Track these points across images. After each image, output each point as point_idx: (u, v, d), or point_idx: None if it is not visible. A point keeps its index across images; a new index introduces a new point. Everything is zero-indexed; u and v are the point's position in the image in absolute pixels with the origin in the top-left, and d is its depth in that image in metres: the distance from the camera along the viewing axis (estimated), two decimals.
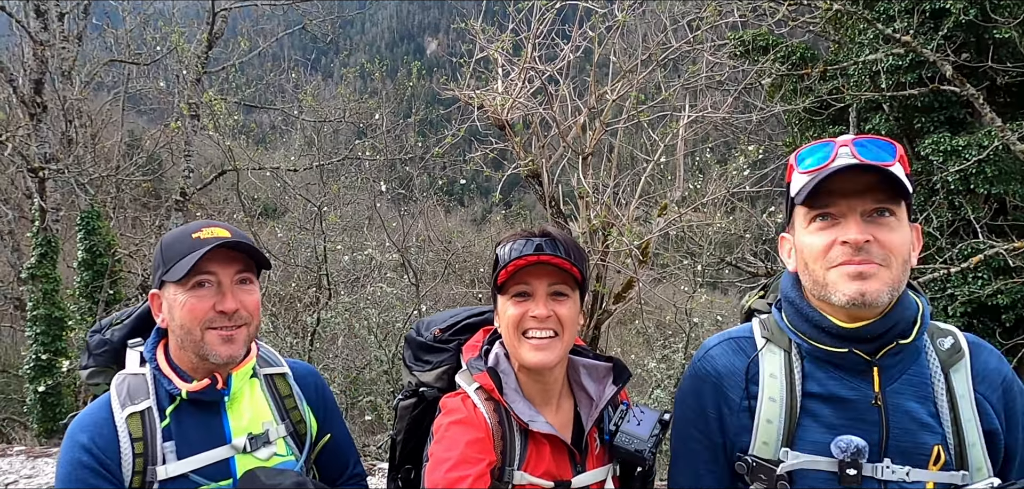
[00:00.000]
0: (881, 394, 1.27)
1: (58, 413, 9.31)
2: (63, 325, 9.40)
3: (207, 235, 1.51)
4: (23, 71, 9.35)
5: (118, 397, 1.50)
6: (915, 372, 1.29)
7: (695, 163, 7.84)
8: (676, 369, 8.12)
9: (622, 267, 5.91)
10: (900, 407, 1.27)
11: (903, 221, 1.26)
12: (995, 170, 9.19)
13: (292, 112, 11.97)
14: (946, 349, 1.30)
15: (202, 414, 1.53)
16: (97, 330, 1.69)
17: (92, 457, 1.43)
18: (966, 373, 1.28)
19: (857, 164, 1.23)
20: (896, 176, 1.22)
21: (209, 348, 1.50)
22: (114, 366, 1.63)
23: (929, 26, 9.66)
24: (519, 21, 5.67)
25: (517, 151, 5.61)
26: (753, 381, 1.35)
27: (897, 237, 1.24)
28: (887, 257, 1.23)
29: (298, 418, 1.65)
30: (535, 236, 1.47)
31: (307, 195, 10.09)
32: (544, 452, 1.48)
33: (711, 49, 6.24)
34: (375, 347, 8.40)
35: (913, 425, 1.26)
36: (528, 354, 1.44)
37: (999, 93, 9.87)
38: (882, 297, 1.23)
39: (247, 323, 1.54)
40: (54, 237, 9.50)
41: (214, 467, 1.50)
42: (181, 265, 1.47)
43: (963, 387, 1.27)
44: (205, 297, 1.50)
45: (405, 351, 1.74)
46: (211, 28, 9.87)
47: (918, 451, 1.25)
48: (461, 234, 16.07)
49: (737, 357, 1.40)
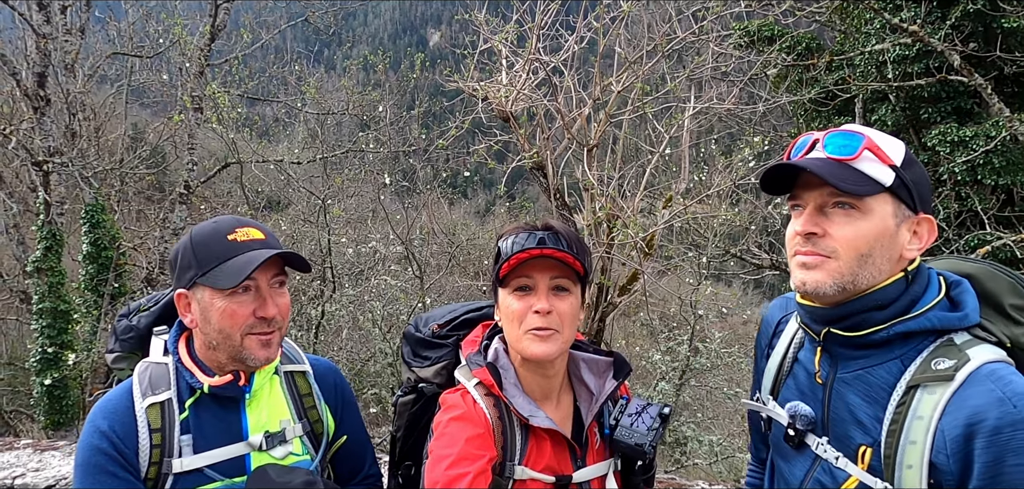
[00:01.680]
0: (825, 375, 1.34)
1: (64, 406, 9.36)
2: (69, 318, 9.43)
3: (243, 237, 1.49)
4: (26, 64, 9.36)
5: (140, 386, 1.50)
6: (877, 371, 1.26)
7: (700, 154, 7.80)
8: (680, 361, 8.10)
9: (627, 259, 5.89)
10: (842, 395, 1.31)
11: (871, 213, 1.24)
12: (1003, 161, 9.12)
13: (295, 105, 11.96)
14: (937, 369, 1.20)
15: (221, 409, 1.52)
16: (125, 315, 1.69)
17: (111, 444, 1.43)
18: (941, 399, 1.18)
19: (821, 158, 1.27)
20: (853, 169, 1.24)
21: (247, 352, 1.49)
22: (139, 352, 1.63)
23: (937, 15, 9.57)
24: (523, 12, 5.63)
25: (522, 143, 5.59)
26: (777, 335, 1.52)
27: (851, 230, 1.24)
28: (835, 249, 1.25)
29: (316, 417, 1.64)
30: (537, 229, 1.46)
31: (311, 188, 10.09)
32: (545, 447, 1.46)
33: (717, 39, 6.19)
34: (379, 339, 8.41)
35: (847, 416, 1.29)
36: (529, 346, 1.43)
37: (1007, 83, 9.78)
38: (824, 287, 1.26)
39: (281, 327, 1.53)
40: (59, 230, 9.53)
41: (229, 463, 1.49)
42: (226, 273, 1.44)
43: (926, 410, 1.18)
44: (246, 303, 1.48)
45: (404, 347, 1.73)
46: (214, 21, 9.85)
47: (847, 442, 1.29)
48: (465, 226, 16.07)
49: (778, 311, 1.56)
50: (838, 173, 1.23)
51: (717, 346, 8.33)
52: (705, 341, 8.46)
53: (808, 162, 1.27)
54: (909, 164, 1.26)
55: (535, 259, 1.42)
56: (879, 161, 1.24)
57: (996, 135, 8.52)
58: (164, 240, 10.06)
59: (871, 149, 1.25)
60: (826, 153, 1.27)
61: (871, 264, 1.24)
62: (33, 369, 9.42)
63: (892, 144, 1.28)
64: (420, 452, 1.55)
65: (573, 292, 1.46)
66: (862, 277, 1.25)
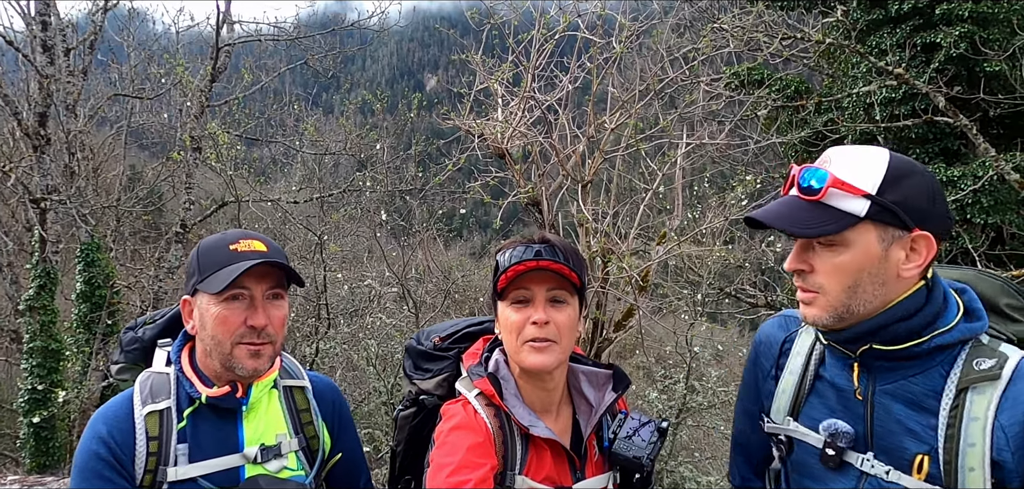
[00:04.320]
0: (864, 390, 1.32)
1: (51, 448, 9.18)
2: (60, 357, 9.33)
3: (244, 248, 1.53)
4: (28, 104, 9.46)
5: (140, 394, 1.53)
6: (918, 380, 1.28)
7: (694, 193, 7.90)
8: (677, 400, 8.05)
9: (622, 295, 5.92)
10: (886, 407, 1.30)
11: (852, 244, 1.25)
12: (991, 200, 9.27)
13: (293, 145, 12.08)
14: (980, 370, 1.24)
15: (218, 420, 1.55)
16: (131, 328, 1.73)
17: (108, 450, 1.46)
18: (992, 397, 1.22)
19: (793, 197, 1.30)
20: (823, 207, 1.25)
21: (236, 361, 1.52)
22: (143, 363, 1.66)
23: (921, 59, 9.84)
24: (518, 53, 5.78)
25: (517, 179, 5.67)
26: (785, 354, 1.49)
27: (832, 265, 1.26)
28: (822, 285, 1.28)
29: (312, 433, 1.66)
30: (535, 243, 1.49)
31: (307, 225, 10.12)
32: (545, 457, 1.48)
33: (707, 80, 6.35)
34: (374, 378, 8.34)
35: (897, 428, 1.28)
36: (527, 357, 1.45)
37: (992, 124, 10.01)
38: (822, 321, 1.30)
39: (273, 340, 1.55)
40: (53, 268, 9.50)
41: (223, 474, 1.51)
42: (218, 278, 1.49)
43: (980, 410, 1.21)
44: (237, 310, 1.51)
45: (405, 361, 1.75)
46: (214, 63, 10.03)
47: (899, 454, 1.27)
48: (460, 267, 16.06)
49: (780, 331, 1.53)
50: (804, 217, 1.26)
51: (713, 384, 8.30)
52: (701, 379, 8.43)
53: (770, 215, 1.30)
54: (893, 182, 1.24)
55: (532, 271, 1.45)
56: (849, 194, 1.24)
57: (983, 175, 8.68)
58: (158, 279, 10.03)
59: (837, 186, 1.24)
60: (799, 191, 1.29)
61: (861, 292, 1.26)
62: (21, 409, 9.27)
63: (866, 170, 1.25)
64: (420, 466, 1.55)
65: (570, 304, 1.49)
66: (855, 306, 1.26)
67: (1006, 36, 9.36)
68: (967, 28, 9.60)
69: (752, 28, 6.97)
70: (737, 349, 12.68)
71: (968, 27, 9.63)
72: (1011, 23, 9.06)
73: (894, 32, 10.40)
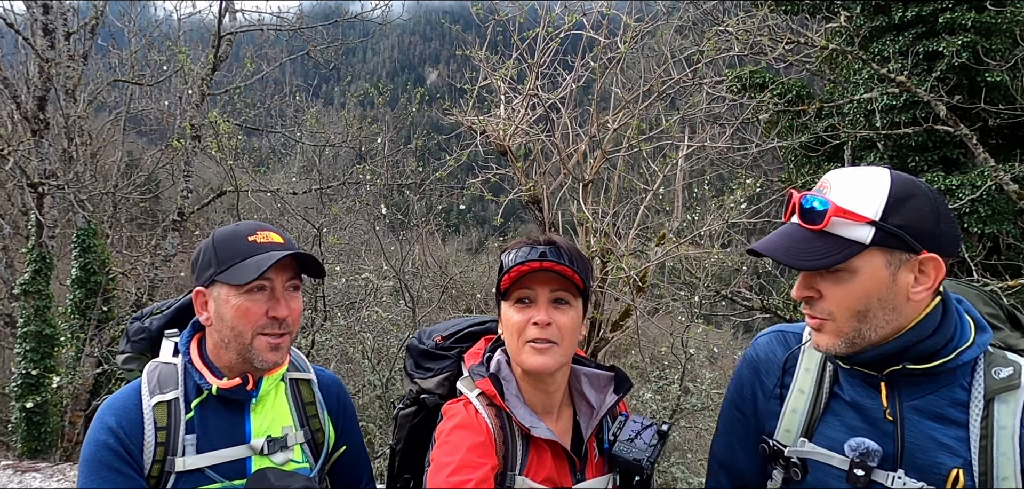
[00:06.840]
0: (893, 408, 1.30)
1: (43, 433, 9.14)
2: (54, 342, 9.29)
3: (263, 239, 1.53)
4: (27, 88, 9.41)
5: (148, 384, 1.52)
6: (945, 395, 1.28)
7: (693, 196, 7.90)
8: (671, 400, 8.06)
9: (620, 295, 5.92)
10: (917, 424, 1.28)
11: (858, 272, 1.22)
12: (988, 210, 9.30)
13: (293, 136, 12.04)
14: (1002, 378, 1.24)
15: (226, 411, 1.55)
16: (137, 318, 1.72)
17: (116, 440, 1.46)
18: (1016, 406, 1.23)
19: (794, 226, 1.28)
20: (826, 235, 1.23)
21: (256, 353, 1.52)
22: (149, 353, 1.66)
23: (923, 67, 9.86)
24: (523, 50, 5.76)
25: (518, 177, 5.66)
26: (789, 372, 1.44)
27: (841, 292, 1.24)
28: (831, 312, 1.26)
29: (317, 426, 1.66)
30: (539, 244, 1.49)
31: (306, 217, 10.10)
32: (545, 458, 1.47)
33: (710, 83, 6.34)
34: (369, 371, 8.33)
35: (930, 444, 1.26)
36: (528, 358, 1.45)
37: (992, 134, 10.04)
38: (834, 348, 1.28)
39: (291, 331, 1.56)
40: (49, 253, 9.46)
41: (231, 465, 1.51)
42: (243, 269, 1.48)
43: (1007, 419, 1.22)
44: (260, 301, 1.51)
45: (406, 359, 1.74)
46: (216, 51, 9.98)
47: (934, 470, 1.25)
48: (457, 262, 16.05)
49: (780, 348, 1.48)
50: (807, 248, 1.24)
51: (707, 386, 8.31)
52: (696, 380, 8.44)
53: (772, 248, 1.28)
54: (897, 206, 1.21)
55: (536, 272, 1.45)
56: (853, 222, 1.21)
57: (982, 184, 8.71)
58: (154, 267, 10.00)
59: (839, 215, 1.22)
60: (800, 218, 1.27)
61: (871, 318, 1.24)
62: (13, 393, 9.23)
63: (869, 195, 1.22)
64: (420, 465, 1.55)
65: (573, 306, 1.48)
66: (866, 331, 1.25)
67: (1008, 46, 9.38)
68: (970, 37, 9.63)
69: (756, 32, 6.96)
70: (732, 352, 12.71)
71: (971, 36, 9.66)
72: (1014, 34, 9.08)
73: (897, 39, 10.42)
